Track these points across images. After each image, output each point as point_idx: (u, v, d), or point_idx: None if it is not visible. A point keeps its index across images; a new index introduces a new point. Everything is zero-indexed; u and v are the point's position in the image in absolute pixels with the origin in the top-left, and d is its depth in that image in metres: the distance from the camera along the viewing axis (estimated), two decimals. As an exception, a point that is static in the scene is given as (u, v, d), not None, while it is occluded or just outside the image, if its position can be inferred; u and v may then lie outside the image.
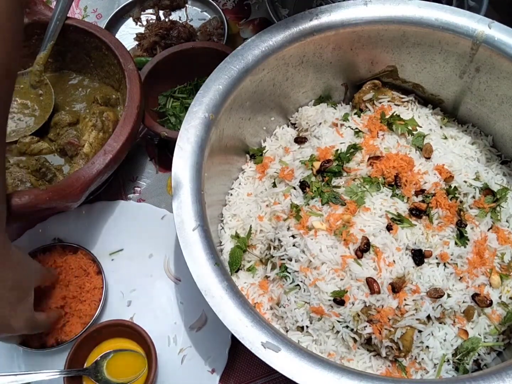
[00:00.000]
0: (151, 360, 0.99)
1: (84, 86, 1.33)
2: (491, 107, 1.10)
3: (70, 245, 1.13)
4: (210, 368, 1.02)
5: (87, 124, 1.20)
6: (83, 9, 1.60)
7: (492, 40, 1.01)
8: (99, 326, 1.03)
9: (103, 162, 1.06)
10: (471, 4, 1.29)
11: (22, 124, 1.25)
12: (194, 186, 0.92)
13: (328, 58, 1.12)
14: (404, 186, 0.98)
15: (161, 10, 1.54)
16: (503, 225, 1.01)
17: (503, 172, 1.09)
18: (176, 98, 1.33)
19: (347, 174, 1.01)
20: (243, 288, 1.01)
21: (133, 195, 1.27)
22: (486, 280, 0.95)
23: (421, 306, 0.89)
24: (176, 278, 1.12)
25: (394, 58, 1.13)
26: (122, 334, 1.04)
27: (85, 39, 1.26)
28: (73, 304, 1.08)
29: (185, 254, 0.86)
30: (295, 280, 0.94)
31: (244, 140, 1.15)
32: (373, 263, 0.91)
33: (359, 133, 1.07)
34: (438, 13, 1.04)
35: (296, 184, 1.02)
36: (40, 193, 0.99)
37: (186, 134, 0.97)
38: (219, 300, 0.82)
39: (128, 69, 1.17)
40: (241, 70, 1.02)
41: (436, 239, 0.94)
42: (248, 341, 0.78)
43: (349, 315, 0.90)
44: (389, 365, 0.92)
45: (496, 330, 0.93)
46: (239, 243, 1.04)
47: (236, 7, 1.56)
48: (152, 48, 1.43)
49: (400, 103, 1.16)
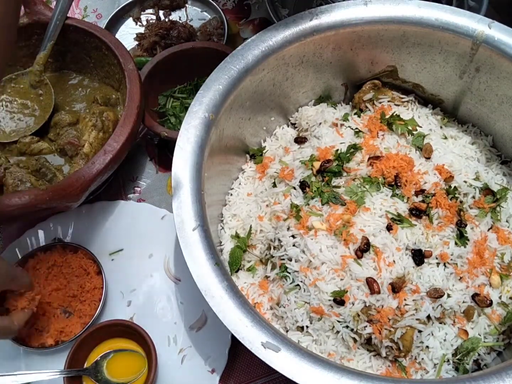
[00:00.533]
0: (151, 360, 0.99)
1: (84, 86, 1.33)
2: (491, 107, 1.10)
3: (71, 245, 1.13)
4: (210, 368, 1.02)
5: (87, 124, 1.20)
6: (83, 9, 1.60)
7: (492, 40, 1.01)
8: (99, 326, 1.03)
9: (103, 162, 1.06)
10: (471, 4, 1.29)
11: (22, 124, 1.25)
12: (194, 186, 0.92)
13: (328, 58, 1.12)
14: (404, 186, 0.98)
15: (161, 10, 1.54)
16: (503, 225, 1.01)
17: (503, 172, 1.09)
18: (176, 98, 1.33)
19: (347, 174, 1.01)
20: (243, 288, 1.01)
21: (133, 195, 1.27)
22: (486, 280, 0.95)
23: (421, 306, 0.89)
24: (176, 278, 1.12)
25: (394, 58, 1.13)
26: (122, 334, 1.04)
27: (85, 39, 1.26)
28: (73, 304, 1.08)
29: (185, 254, 0.86)
30: (295, 280, 0.94)
31: (244, 140, 1.15)
32: (373, 263, 0.91)
33: (359, 133, 1.07)
34: (438, 13, 1.04)
35: (296, 184, 1.02)
36: (40, 193, 0.99)
37: (186, 134, 0.97)
38: (219, 300, 0.82)
39: (128, 69, 1.17)
40: (241, 70, 1.02)
41: (436, 239, 0.94)
42: (248, 341, 0.78)
43: (349, 315, 0.90)
44: (389, 365, 0.92)
45: (496, 330, 0.93)
46: (239, 243, 1.04)
47: (236, 7, 1.56)
48: (152, 48, 1.43)
49: (400, 103, 1.16)
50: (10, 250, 1.14)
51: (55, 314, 1.07)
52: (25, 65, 1.31)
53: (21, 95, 1.28)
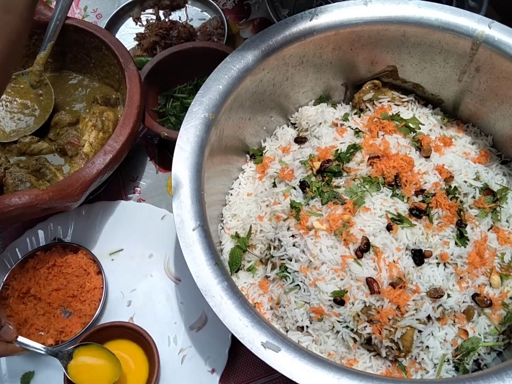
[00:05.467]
0: (153, 361, 0.99)
1: (84, 86, 1.33)
2: (491, 107, 1.10)
3: (71, 245, 1.13)
4: (210, 368, 1.02)
5: (87, 124, 1.20)
6: (83, 9, 1.60)
7: (492, 40, 1.01)
8: (100, 327, 1.03)
9: (103, 162, 1.06)
10: (471, 4, 1.29)
11: (22, 124, 1.25)
12: (194, 186, 0.92)
13: (328, 58, 1.12)
14: (404, 186, 0.98)
15: (161, 10, 1.54)
16: (503, 225, 1.01)
17: (503, 172, 1.09)
18: (176, 98, 1.33)
19: (347, 174, 1.01)
20: (243, 288, 1.01)
21: (133, 195, 1.27)
22: (486, 280, 0.95)
23: (421, 306, 0.89)
24: (176, 278, 1.12)
25: (394, 58, 1.13)
26: (124, 335, 1.04)
27: (85, 39, 1.26)
28: (73, 304, 1.08)
29: (185, 254, 0.86)
30: (295, 280, 0.94)
31: (244, 140, 1.15)
32: (373, 263, 0.91)
33: (359, 133, 1.07)
34: (438, 13, 1.04)
35: (296, 184, 1.02)
36: (40, 193, 0.99)
37: (186, 134, 0.97)
38: (219, 300, 0.82)
39: (128, 69, 1.17)
40: (241, 70, 1.02)
41: (436, 239, 0.94)
42: (248, 341, 0.78)
43: (349, 315, 0.90)
44: (389, 365, 0.92)
45: (496, 330, 0.93)
46: (239, 243, 1.04)
47: (236, 7, 1.56)
48: (152, 48, 1.43)
49: (400, 103, 1.16)
50: (10, 250, 1.14)
51: (55, 314, 1.07)
52: (25, 65, 1.31)
53: (21, 95, 1.28)
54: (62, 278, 1.10)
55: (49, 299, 1.07)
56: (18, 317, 1.06)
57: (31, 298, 1.08)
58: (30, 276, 1.09)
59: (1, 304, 1.06)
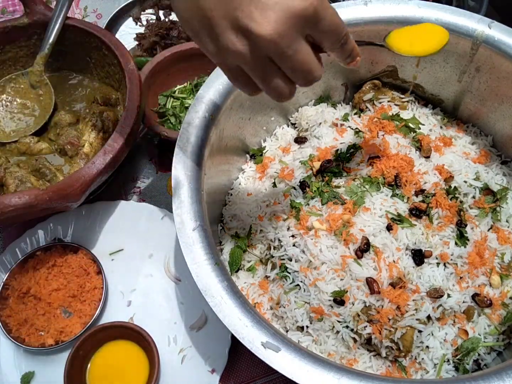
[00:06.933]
0: (154, 362, 0.99)
1: (84, 86, 1.33)
2: (491, 107, 1.10)
3: (71, 245, 1.13)
4: (210, 368, 1.02)
5: (87, 124, 1.20)
6: (83, 9, 1.60)
7: (492, 40, 1.01)
8: (100, 327, 1.03)
9: (103, 162, 1.06)
10: (471, 4, 1.29)
11: (22, 124, 1.25)
12: (194, 186, 0.92)
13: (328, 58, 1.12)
14: (404, 186, 0.98)
15: (161, 10, 1.54)
16: (503, 225, 1.01)
17: (503, 172, 1.09)
18: (176, 98, 1.33)
19: (347, 174, 1.01)
20: (243, 288, 1.01)
21: (133, 195, 1.27)
22: (486, 280, 0.95)
23: (421, 306, 0.89)
24: (176, 278, 1.12)
25: (394, 58, 1.13)
26: (124, 336, 1.04)
27: (85, 39, 1.26)
28: (73, 304, 1.08)
29: (185, 254, 0.86)
30: (295, 280, 0.94)
31: (244, 140, 1.15)
32: (373, 263, 0.91)
33: (359, 133, 1.07)
34: (438, 13, 1.04)
35: (296, 184, 1.02)
36: (40, 193, 0.99)
37: (186, 134, 0.96)
38: (219, 300, 0.82)
39: (128, 69, 1.17)
40: (241, 70, 1.02)
41: (436, 239, 0.94)
42: (248, 341, 0.78)
43: (349, 315, 0.90)
44: (389, 365, 0.92)
45: (496, 330, 0.93)
46: (239, 243, 1.04)
47: (236, 7, 1.56)
48: (152, 48, 1.43)
49: (400, 103, 1.16)
50: (10, 250, 1.14)
51: (55, 314, 1.07)
52: (25, 65, 1.31)
53: (21, 95, 1.28)
54: (62, 278, 1.10)
55: (49, 299, 1.07)
56: (18, 317, 1.05)
57: (31, 298, 1.08)
58: (30, 276, 1.09)
59: (1, 304, 1.06)
